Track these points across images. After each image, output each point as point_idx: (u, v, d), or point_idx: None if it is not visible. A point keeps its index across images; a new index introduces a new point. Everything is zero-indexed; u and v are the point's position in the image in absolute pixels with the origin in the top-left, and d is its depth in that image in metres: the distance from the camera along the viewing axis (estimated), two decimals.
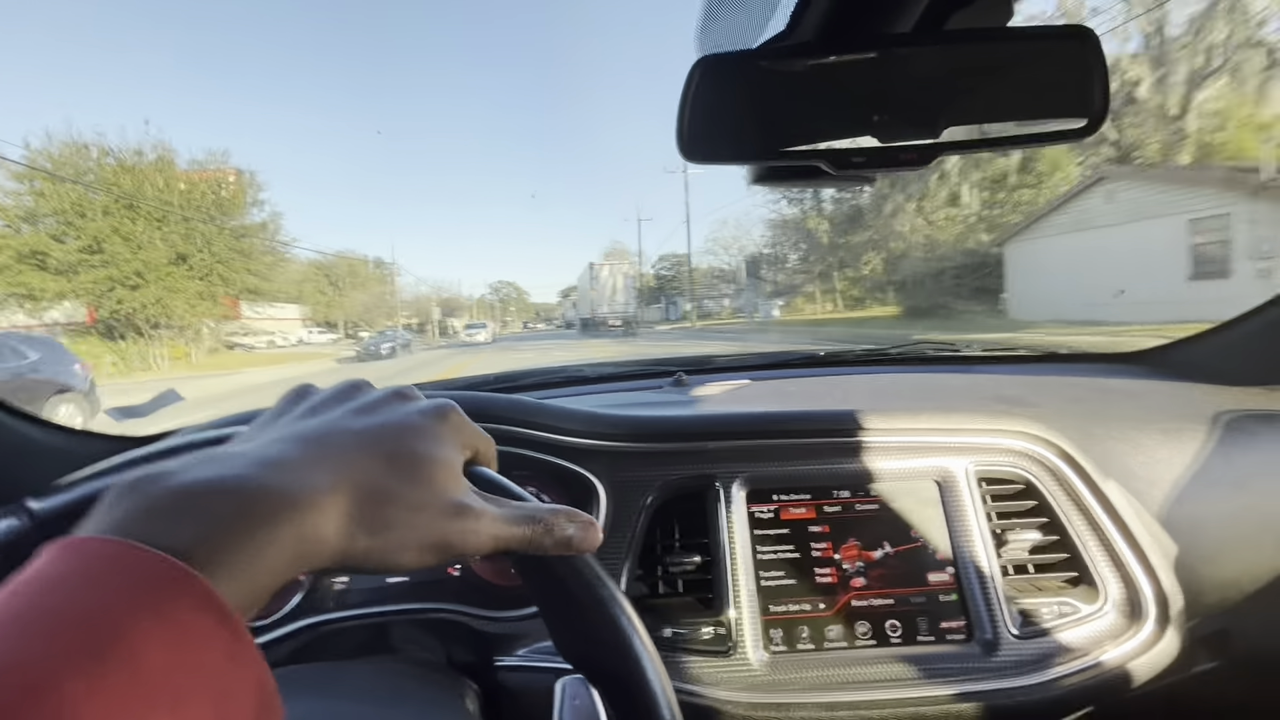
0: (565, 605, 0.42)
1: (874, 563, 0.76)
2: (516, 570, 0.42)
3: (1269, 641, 0.84)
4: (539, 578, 0.42)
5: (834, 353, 1.43)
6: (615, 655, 0.41)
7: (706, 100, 0.58)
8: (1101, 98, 0.54)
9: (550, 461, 0.76)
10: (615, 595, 0.42)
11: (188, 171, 20.34)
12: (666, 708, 0.40)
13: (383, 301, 41.73)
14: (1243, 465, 0.84)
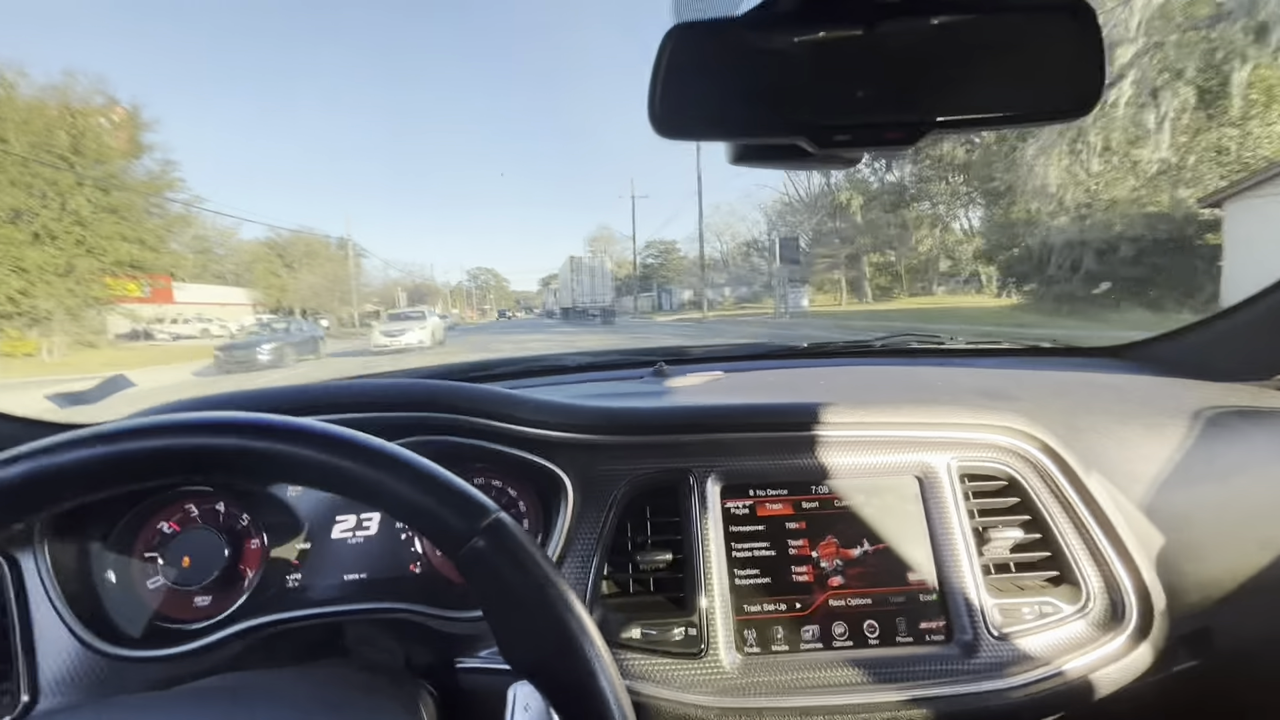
0: (511, 609, 0.39)
1: (852, 561, 0.73)
2: (461, 572, 0.39)
3: (1251, 639, 0.83)
4: (484, 581, 0.39)
5: (817, 344, 1.41)
6: (565, 662, 0.38)
7: (680, 71, 0.55)
8: (1096, 75, 0.51)
9: (516, 455, 0.72)
10: (565, 596, 0.39)
11: (39, 101, 14.62)
12: (620, 716, 0.37)
13: (337, 284, 35.27)
14: (1226, 461, 0.83)
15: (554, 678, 0.38)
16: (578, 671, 0.37)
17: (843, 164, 0.67)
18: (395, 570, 0.74)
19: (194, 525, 0.71)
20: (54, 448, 0.36)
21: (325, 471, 0.38)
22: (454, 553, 0.39)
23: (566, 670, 0.38)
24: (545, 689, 0.39)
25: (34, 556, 0.63)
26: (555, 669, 0.38)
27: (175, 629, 0.67)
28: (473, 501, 0.40)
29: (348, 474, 0.38)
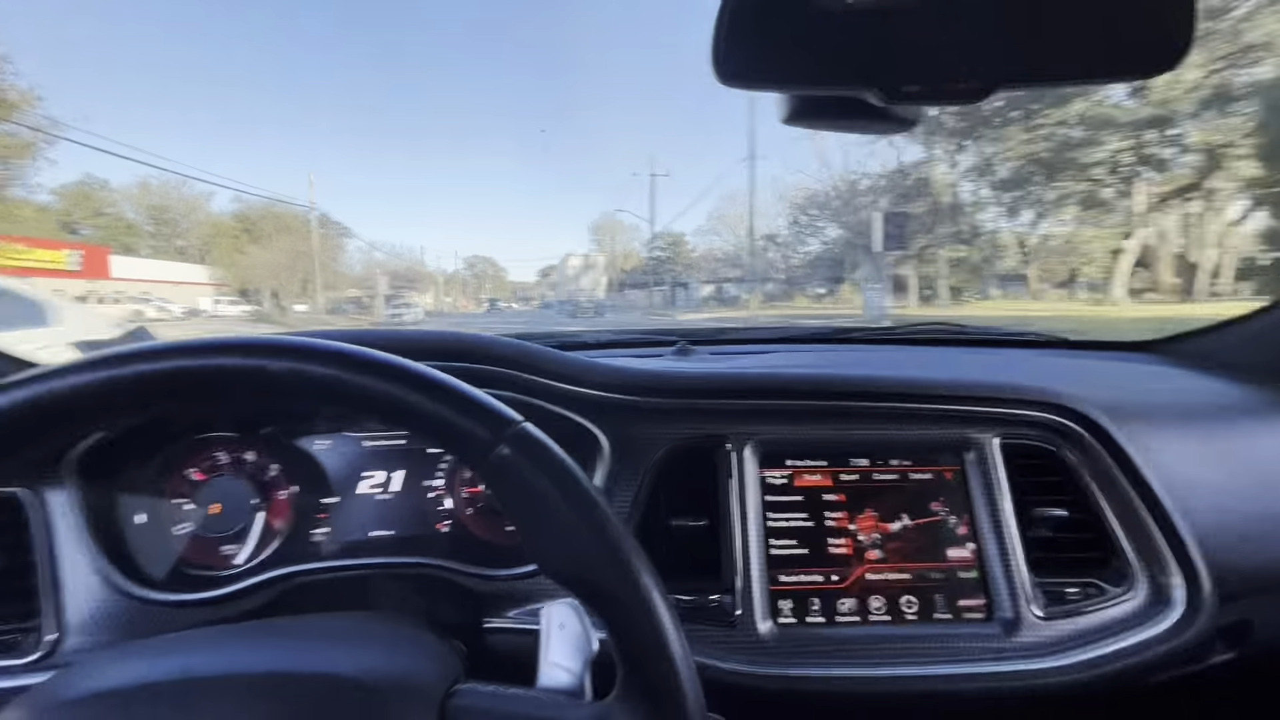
0: (542, 515, 0.37)
1: (891, 535, 0.71)
2: (486, 482, 0.38)
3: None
4: (511, 488, 0.37)
5: (841, 329, 1.39)
6: (602, 563, 0.36)
7: (746, 14, 0.53)
8: (1186, 26, 0.49)
9: (554, 411, 0.71)
10: (596, 499, 0.38)
11: None
12: (665, 614, 0.36)
13: (298, 262, 28.20)
14: (1266, 454, 0.81)
15: (590, 582, 0.37)
16: (615, 574, 0.36)
17: (899, 126, 0.65)
18: (423, 528, 0.73)
19: (223, 473, 0.70)
20: (57, 372, 0.34)
21: (342, 389, 0.37)
22: (479, 462, 0.37)
23: (605, 571, 0.36)
24: (583, 594, 0.38)
25: (64, 493, 0.61)
26: (591, 573, 0.37)
27: (202, 575, 0.66)
28: (495, 411, 0.38)
29: (364, 390, 0.37)
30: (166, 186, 34.05)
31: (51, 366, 0.35)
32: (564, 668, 0.43)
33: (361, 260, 45.61)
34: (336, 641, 0.43)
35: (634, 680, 0.38)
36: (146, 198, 34.00)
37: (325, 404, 0.39)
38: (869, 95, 0.55)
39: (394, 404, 0.38)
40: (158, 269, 28.85)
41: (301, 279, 29.01)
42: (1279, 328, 1.03)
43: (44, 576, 0.61)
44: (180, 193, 34.49)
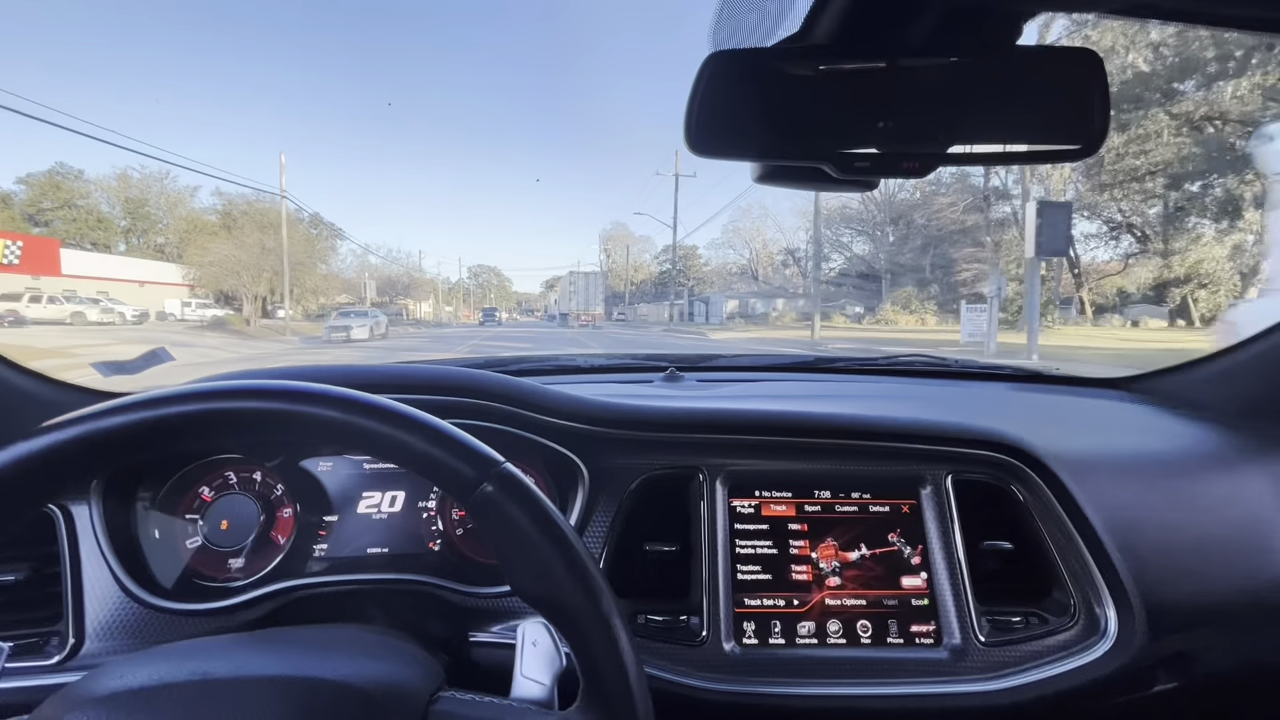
0: (519, 546, 0.43)
1: (849, 563, 0.77)
2: (471, 516, 0.44)
3: (1230, 667, 0.86)
4: (493, 523, 0.44)
5: (824, 359, 1.45)
6: (570, 590, 0.43)
7: (716, 95, 0.59)
8: (1101, 119, 0.55)
9: (536, 442, 0.77)
10: (567, 534, 0.44)
11: None
12: (621, 637, 0.42)
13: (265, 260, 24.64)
14: (1215, 493, 0.86)
15: (558, 605, 0.43)
16: (580, 598, 0.42)
17: (859, 188, 0.71)
18: (416, 546, 0.78)
19: (232, 492, 0.75)
20: (104, 412, 0.40)
21: (348, 431, 0.43)
22: (465, 498, 0.43)
23: (570, 598, 0.42)
24: (552, 616, 0.44)
25: (88, 510, 0.67)
26: (560, 597, 0.43)
27: (211, 586, 0.72)
28: (481, 453, 0.44)
29: (368, 432, 0.43)
30: (149, 179, 30.99)
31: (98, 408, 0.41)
32: (535, 680, 0.49)
33: (356, 264, 43.15)
34: (332, 649, 0.49)
35: (593, 692, 0.44)
36: (125, 190, 30.96)
37: (331, 443, 0.45)
38: (825, 167, 0.61)
39: (390, 444, 0.44)
40: (124, 267, 25.93)
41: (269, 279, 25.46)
42: (1242, 368, 1.09)
43: (67, 586, 0.67)
44: (162, 186, 31.46)
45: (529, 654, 0.50)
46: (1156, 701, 0.84)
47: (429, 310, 50.76)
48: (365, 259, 45.38)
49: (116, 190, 31.38)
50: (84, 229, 29.64)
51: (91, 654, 0.66)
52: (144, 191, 31.54)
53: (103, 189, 31.21)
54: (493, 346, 14.39)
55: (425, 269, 57.01)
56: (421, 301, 49.49)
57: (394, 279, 46.45)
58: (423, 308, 48.73)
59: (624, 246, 52.70)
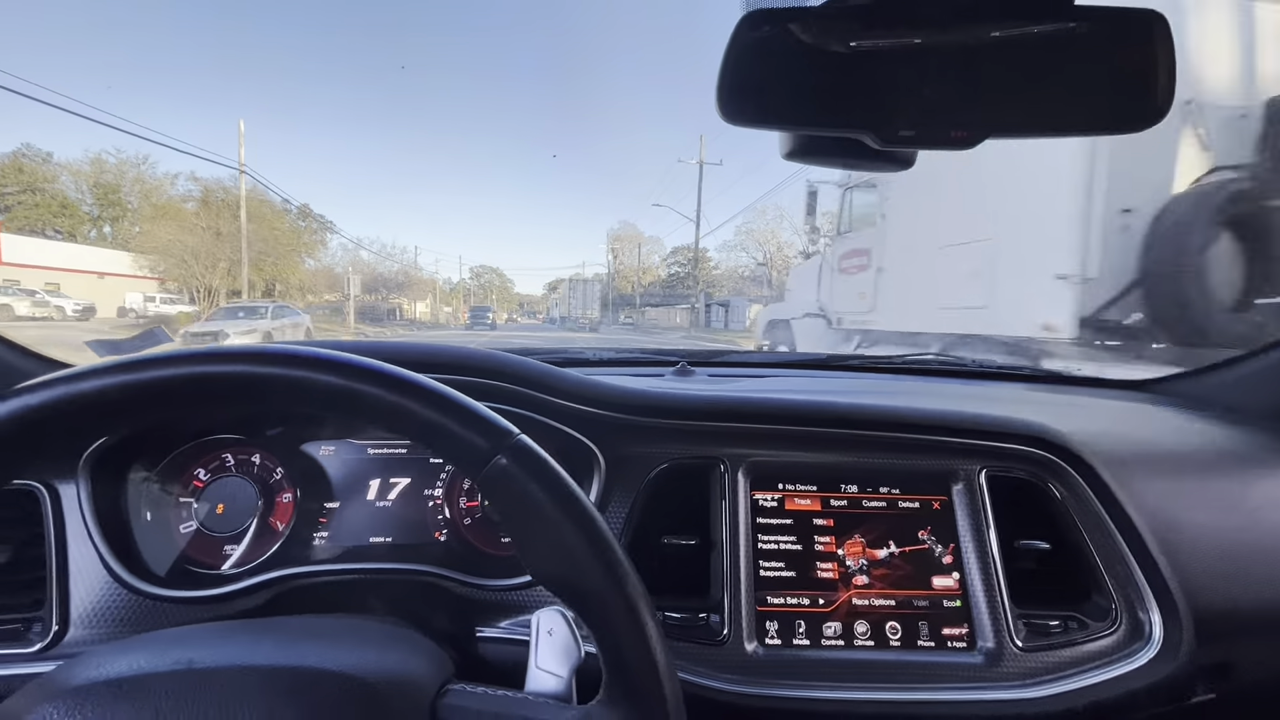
0: (535, 524, 0.39)
1: (878, 562, 0.73)
2: (483, 491, 0.40)
3: (1268, 676, 0.82)
4: (507, 497, 0.40)
5: (837, 356, 1.41)
6: (590, 572, 0.39)
7: (750, 58, 0.56)
8: (1167, 84, 0.51)
9: (553, 427, 0.73)
10: (588, 510, 0.40)
11: None
12: (650, 623, 0.38)
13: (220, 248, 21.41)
14: (1257, 496, 0.82)
15: (579, 588, 0.39)
16: (603, 580, 0.38)
17: (896, 165, 0.67)
18: (421, 536, 0.74)
19: (230, 474, 0.72)
20: (83, 374, 0.36)
21: (353, 399, 0.39)
22: (477, 471, 0.39)
23: (592, 580, 0.38)
24: (572, 601, 0.40)
25: (75, 489, 0.63)
26: (580, 579, 0.39)
27: (205, 574, 0.68)
28: (495, 424, 0.41)
29: (373, 401, 0.39)
30: (125, 164, 27.48)
31: (75, 370, 0.37)
32: (551, 673, 0.45)
33: (348, 259, 39.74)
34: (333, 639, 0.45)
35: (618, 684, 0.40)
36: (99, 175, 27.60)
37: (333, 411, 0.42)
38: (865, 138, 0.57)
39: (399, 413, 0.40)
40: (84, 256, 23.20)
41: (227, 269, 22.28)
42: (1266, 371, 1.05)
43: (52, 569, 0.63)
44: (139, 172, 27.75)
45: (544, 644, 0.46)
46: (1193, 713, 0.80)
47: (425, 310, 47.63)
48: (357, 254, 41.70)
49: (89, 175, 28.88)
50: (46, 216, 27.14)
51: (75, 642, 0.62)
52: (119, 177, 28.80)
53: (72, 173, 28.73)
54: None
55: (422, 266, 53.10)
56: (417, 301, 46.15)
57: (386, 276, 42.39)
58: (418, 307, 45.47)
59: (632, 246, 50.83)
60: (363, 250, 42.35)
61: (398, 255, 46.05)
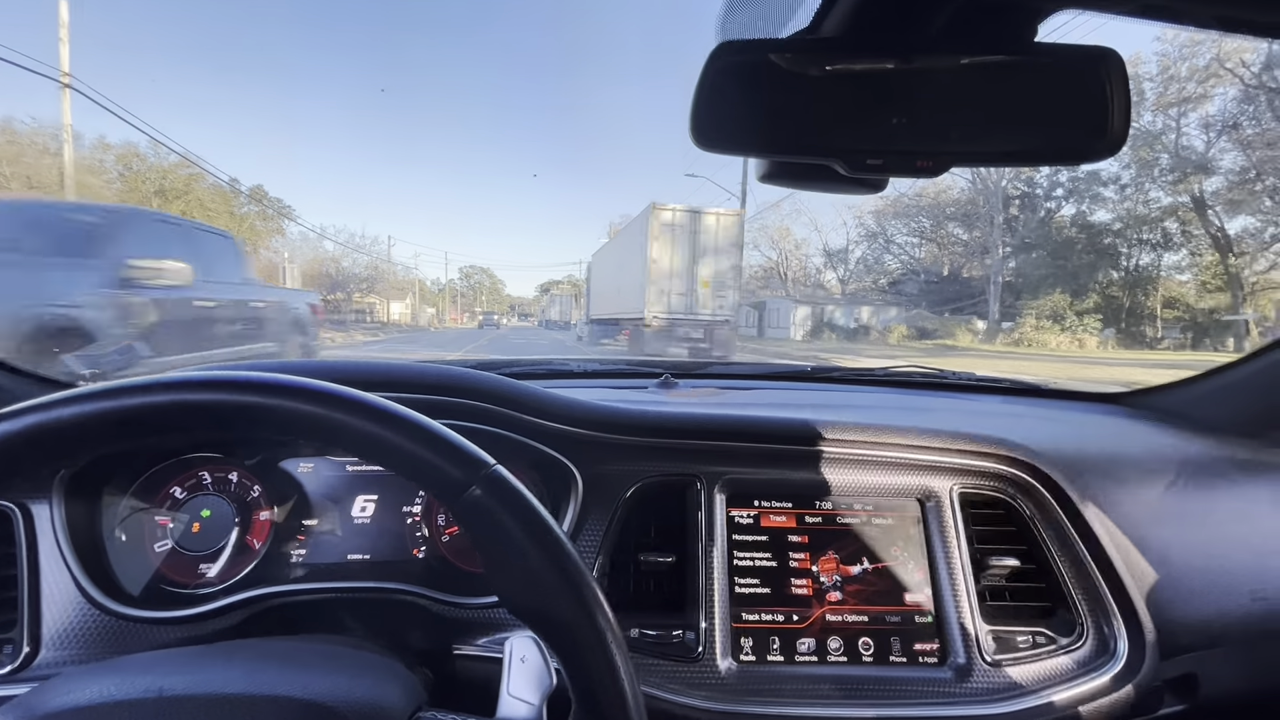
0: (509, 555, 0.40)
1: (851, 578, 0.74)
2: (458, 520, 0.40)
3: (1237, 689, 0.84)
4: (482, 528, 0.40)
5: (821, 368, 1.43)
6: (562, 604, 0.39)
7: (723, 87, 0.57)
8: (1122, 120, 0.53)
9: (530, 445, 0.73)
10: (562, 543, 0.40)
11: None
12: (619, 654, 0.39)
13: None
14: (1224, 511, 0.85)
15: (550, 619, 0.40)
16: (574, 612, 0.39)
17: (868, 189, 0.69)
18: (399, 554, 0.74)
19: (206, 493, 0.71)
20: (55, 403, 0.36)
21: (328, 428, 0.40)
22: (453, 501, 0.40)
23: (563, 612, 0.39)
24: (543, 631, 0.41)
25: (49, 508, 0.63)
26: (551, 610, 0.39)
27: (180, 593, 0.67)
28: (470, 454, 0.41)
29: (349, 429, 0.40)
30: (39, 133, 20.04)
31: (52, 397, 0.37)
32: (523, 700, 0.45)
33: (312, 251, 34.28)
34: (305, 665, 0.45)
35: (586, 715, 0.40)
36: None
37: (308, 439, 0.42)
38: (835, 165, 0.59)
39: (374, 442, 0.41)
40: None
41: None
42: (1242, 384, 1.08)
43: (23, 590, 0.62)
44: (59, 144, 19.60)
45: (517, 671, 0.46)
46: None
47: (403, 311, 41.76)
48: (320, 244, 35.52)
49: None
50: None
51: (47, 664, 0.61)
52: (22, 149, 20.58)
53: None
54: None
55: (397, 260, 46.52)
56: (393, 301, 40.32)
57: (353, 274, 35.78)
58: (394, 308, 40.01)
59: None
60: (327, 240, 36.50)
61: (368, 247, 39.39)
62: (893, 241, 29.01)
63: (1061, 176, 23.33)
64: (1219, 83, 18.52)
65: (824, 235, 34.54)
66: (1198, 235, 20.17)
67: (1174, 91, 19.57)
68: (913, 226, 27.84)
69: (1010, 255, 23.90)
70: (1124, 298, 21.89)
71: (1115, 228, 22.38)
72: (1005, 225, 23.59)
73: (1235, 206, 18.37)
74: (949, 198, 26.06)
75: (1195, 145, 19.42)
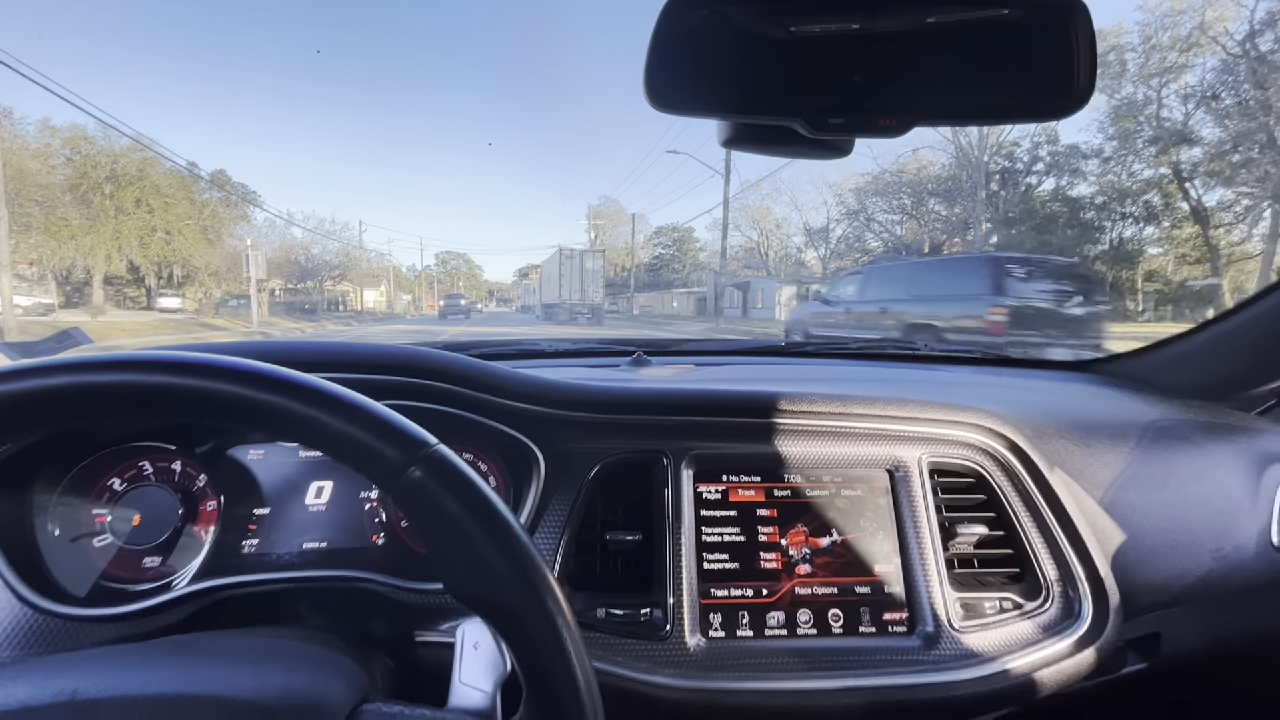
0: (453, 539, 0.38)
1: (820, 550, 0.73)
2: (398, 505, 0.39)
3: (1198, 646, 0.86)
4: (423, 512, 0.38)
5: (794, 343, 1.42)
6: (511, 590, 0.37)
7: (678, 44, 0.54)
8: (1087, 74, 0.51)
9: (489, 426, 0.71)
10: (509, 524, 0.39)
11: None
12: (569, 639, 0.37)
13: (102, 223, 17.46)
14: (1185, 472, 0.85)
15: (497, 605, 0.38)
16: (522, 596, 0.37)
17: (833, 153, 0.66)
18: (357, 540, 0.72)
19: (147, 483, 0.68)
20: None
21: (250, 408, 0.37)
22: (390, 484, 0.38)
23: (510, 597, 0.37)
24: (491, 618, 0.39)
25: None
26: (498, 596, 0.38)
27: (122, 589, 0.65)
28: (408, 433, 0.39)
29: (276, 410, 0.37)
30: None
31: None
32: (475, 688, 0.44)
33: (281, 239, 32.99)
34: (236, 661, 0.43)
35: (537, 701, 0.39)
36: None
37: (233, 422, 0.39)
38: (796, 125, 0.56)
39: (301, 423, 0.38)
40: None
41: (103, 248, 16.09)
42: (1202, 349, 1.08)
43: None
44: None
45: (469, 658, 0.45)
46: (1127, 682, 0.83)
47: (379, 299, 40.47)
48: (288, 231, 33.95)
49: None
50: None
51: None
52: None
53: None
54: None
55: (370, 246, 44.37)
56: (366, 288, 39.26)
57: (324, 261, 34.33)
58: (367, 296, 39.37)
59: (614, 225, 47.54)
60: (295, 227, 34.91)
61: (338, 233, 37.49)
62: (874, 219, 28.98)
63: (1043, 151, 23.48)
64: (1200, 52, 18.58)
65: (804, 214, 34.54)
66: (1179, 208, 20.48)
67: (1156, 61, 19.61)
68: (894, 203, 27.86)
69: (992, 230, 24.08)
70: (1107, 271, 22.22)
71: (1098, 201, 22.58)
72: (987, 200, 23.68)
73: (1214, 178, 18.64)
74: (930, 173, 26.07)
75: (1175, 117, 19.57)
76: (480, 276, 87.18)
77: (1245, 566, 0.83)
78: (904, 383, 1.08)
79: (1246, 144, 17.35)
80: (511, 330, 14.17)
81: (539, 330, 14.21)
